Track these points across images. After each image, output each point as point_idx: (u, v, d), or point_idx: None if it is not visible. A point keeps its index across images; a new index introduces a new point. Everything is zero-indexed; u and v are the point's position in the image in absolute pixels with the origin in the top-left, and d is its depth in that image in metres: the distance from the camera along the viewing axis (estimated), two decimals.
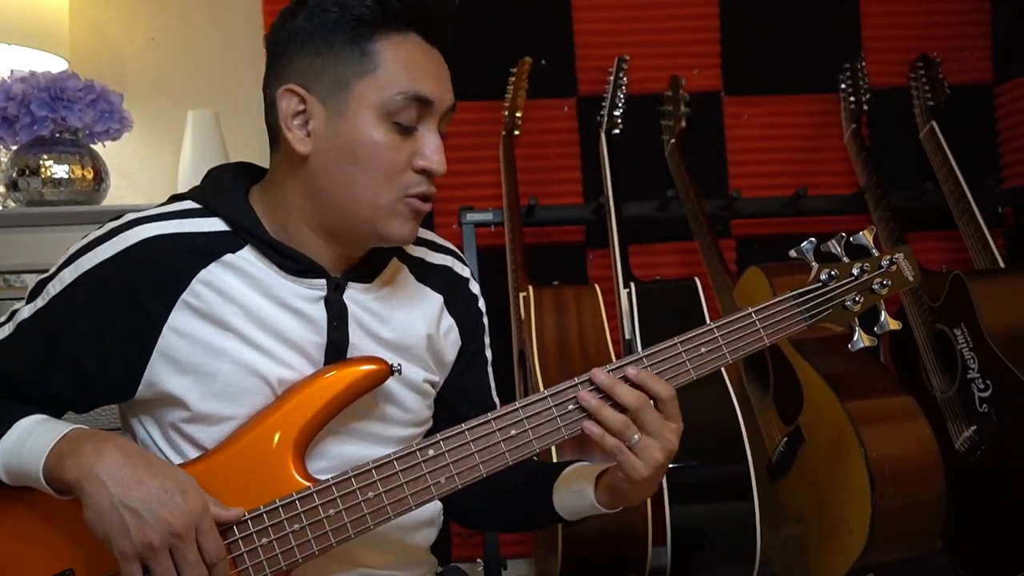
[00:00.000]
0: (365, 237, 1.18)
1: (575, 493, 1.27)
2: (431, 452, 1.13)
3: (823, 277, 1.23)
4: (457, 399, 1.36)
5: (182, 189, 2.30)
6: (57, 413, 1.17)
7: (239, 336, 1.15)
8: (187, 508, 1.04)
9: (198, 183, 1.27)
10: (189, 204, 1.20)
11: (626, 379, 1.15)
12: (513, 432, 1.14)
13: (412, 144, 1.15)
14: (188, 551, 1.03)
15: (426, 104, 1.15)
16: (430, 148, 1.16)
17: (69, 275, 1.14)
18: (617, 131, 2.53)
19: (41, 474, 1.05)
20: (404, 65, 1.13)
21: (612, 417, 1.13)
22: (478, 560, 2.46)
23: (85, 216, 2.07)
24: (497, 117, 2.63)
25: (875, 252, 1.26)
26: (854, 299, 1.23)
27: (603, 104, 2.57)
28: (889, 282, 1.25)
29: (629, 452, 1.14)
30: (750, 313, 1.20)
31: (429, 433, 1.31)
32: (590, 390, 1.15)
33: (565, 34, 2.74)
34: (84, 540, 1.07)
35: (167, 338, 1.14)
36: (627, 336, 2.20)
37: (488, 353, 1.42)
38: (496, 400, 1.44)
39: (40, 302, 1.15)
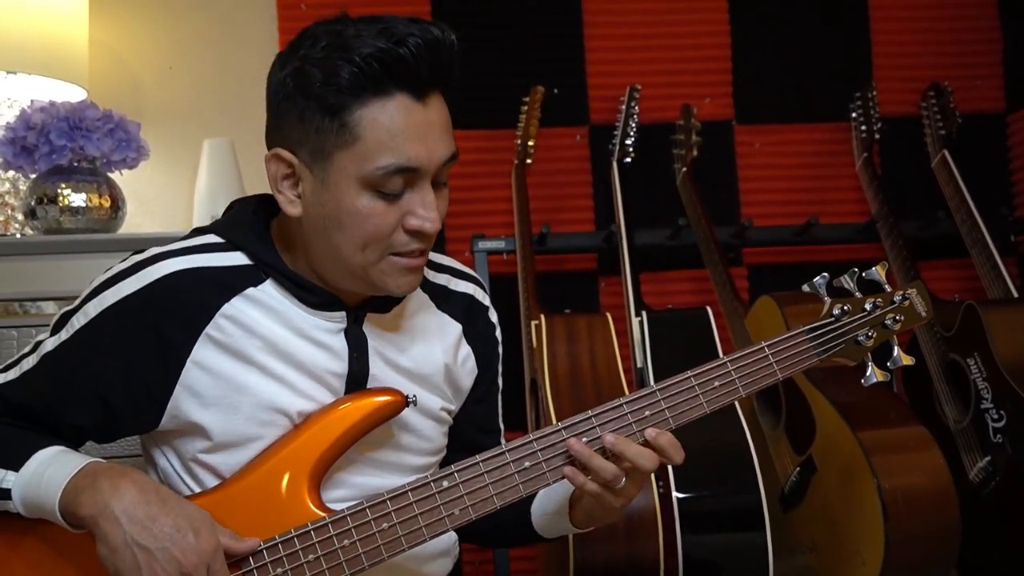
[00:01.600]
0: (364, 290, 1.19)
1: (552, 515, 1.31)
2: (445, 483, 1.14)
3: (836, 312, 1.24)
4: (469, 426, 1.37)
5: (198, 217, 2.35)
6: (77, 443, 1.18)
7: (261, 369, 1.16)
8: (199, 548, 1.04)
9: (215, 211, 1.29)
10: (212, 238, 1.21)
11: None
12: (527, 464, 1.15)
13: (402, 205, 1.12)
14: None
15: (412, 171, 1.11)
16: (422, 207, 1.12)
17: (93, 309, 1.15)
18: (629, 159, 2.54)
19: (57, 508, 1.06)
20: (385, 135, 1.09)
21: (603, 467, 1.14)
22: None
23: (102, 244, 2.09)
24: (509, 145, 2.65)
25: (887, 287, 1.27)
26: (867, 334, 1.24)
27: (615, 133, 2.58)
28: (902, 317, 1.25)
29: (610, 493, 1.16)
30: (763, 347, 1.21)
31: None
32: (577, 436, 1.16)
33: (577, 63, 2.76)
34: (96, 574, 1.08)
35: (190, 371, 1.15)
36: (639, 365, 2.21)
37: (500, 381, 1.44)
38: (501, 425, 1.45)
39: (64, 335, 1.16)
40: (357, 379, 1.20)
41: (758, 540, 1.93)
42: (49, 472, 1.08)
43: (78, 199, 2.13)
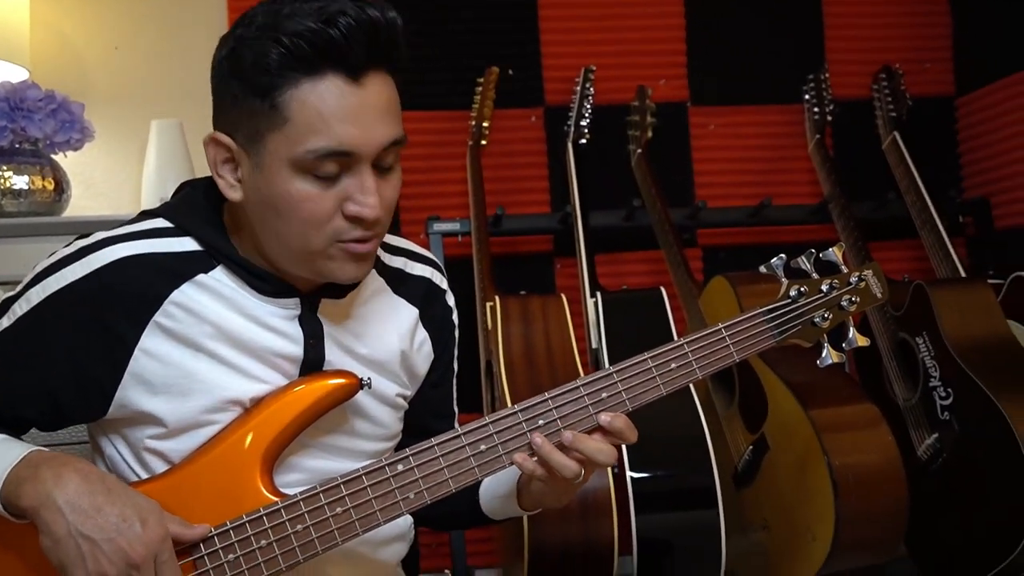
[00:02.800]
0: (312, 276, 1.15)
1: (501, 498, 1.31)
2: (400, 467, 1.13)
3: (792, 293, 1.24)
4: (424, 411, 1.36)
5: (146, 199, 2.31)
6: (20, 431, 1.15)
7: (212, 357, 1.14)
8: (146, 538, 1.02)
9: (163, 194, 1.26)
10: (160, 223, 1.17)
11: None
12: (483, 447, 1.14)
13: (341, 190, 1.08)
14: None
15: (345, 155, 1.07)
16: (360, 192, 1.08)
17: (36, 295, 1.12)
18: (584, 141, 2.54)
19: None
20: (315, 117, 1.05)
21: (563, 464, 1.13)
22: (446, 571, 2.46)
23: (46, 227, 2.04)
24: (464, 127, 2.63)
25: (844, 269, 1.27)
26: (823, 315, 1.24)
27: (570, 114, 2.58)
28: (858, 299, 1.26)
29: (564, 480, 1.15)
30: (720, 329, 1.21)
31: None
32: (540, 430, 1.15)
33: (532, 44, 2.75)
34: (42, 566, 1.05)
35: (139, 360, 1.12)
36: (594, 345, 2.21)
37: (455, 365, 1.43)
38: (455, 408, 1.44)
39: (6, 322, 1.13)
40: (312, 366, 1.18)
41: (711, 518, 1.95)
42: None
43: (20, 181, 2.08)
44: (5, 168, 2.07)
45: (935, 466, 2.15)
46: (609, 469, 1.95)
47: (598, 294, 2.25)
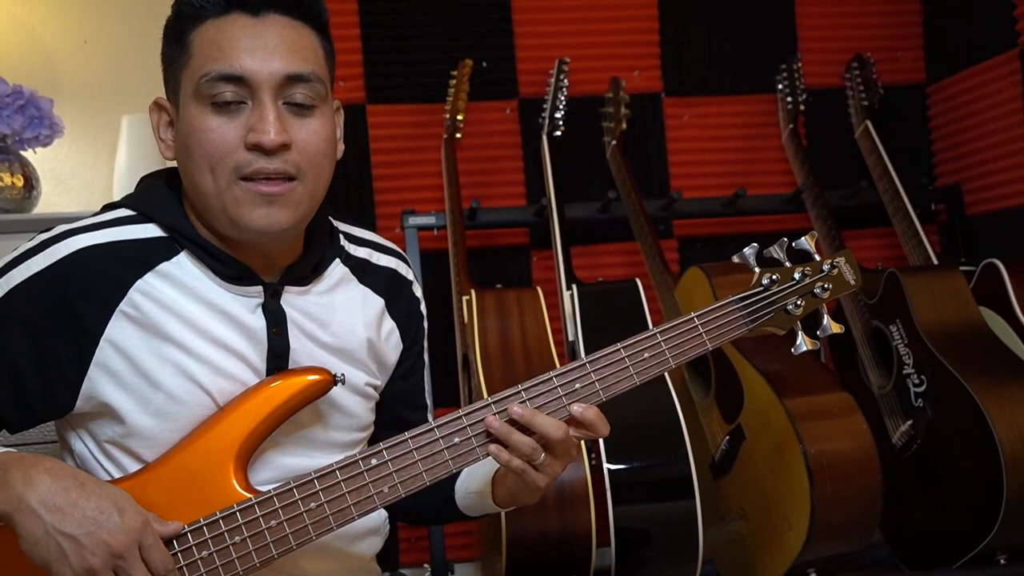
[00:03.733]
0: (230, 231, 1.14)
1: (475, 495, 1.30)
2: (374, 461, 1.13)
3: (765, 281, 1.24)
4: (395, 402, 1.36)
5: (117, 195, 2.28)
6: None
7: (178, 346, 1.13)
8: (126, 526, 1.01)
9: (133, 189, 1.25)
10: (123, 212, 1.18)
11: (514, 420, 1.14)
12: (456, 440, 1.14)
13: (242, 121, 1.10)
14: (133, 570, 1.02)
15: (239, 81, 1.09)
16: (259, 122, 1.09)
17: (0, 289, 1.11)
18: (559, 133, 2.54)
19: None
20: (211, 47, 1.10)
21: (522, 442, 1.13)
22: (425, 565, 2.46)
23: (15, 224, 2.02)
24: (438, 120, 2.62)
25: (816, 257, 1.28)
26: (796, 303, 1.25)
27: (544, 106, 2.57)
28: (830, 286, 1.26)
29: (533, 470, 1.15)
30: (693, 318, 1.21)
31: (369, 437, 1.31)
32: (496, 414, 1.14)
33: (506, 36, 2.74)
34: (28, 567, 1.04)
35: (104, 350, 1.12)
36: (570, 338, 2.22)
37: (426, 357, 1.42)
38: (428, 401, 1.44)
39: None
40: (277, 355, 1.18)
41: (688, 509, 1.96)
42: None
43: None
44: None
45: (910, 453, 2.17)
46: (587, 460, 1.95)
47: (574, 287, 2.26)
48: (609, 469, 1.95)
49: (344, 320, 1.24)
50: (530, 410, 1.14)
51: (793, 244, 1.27)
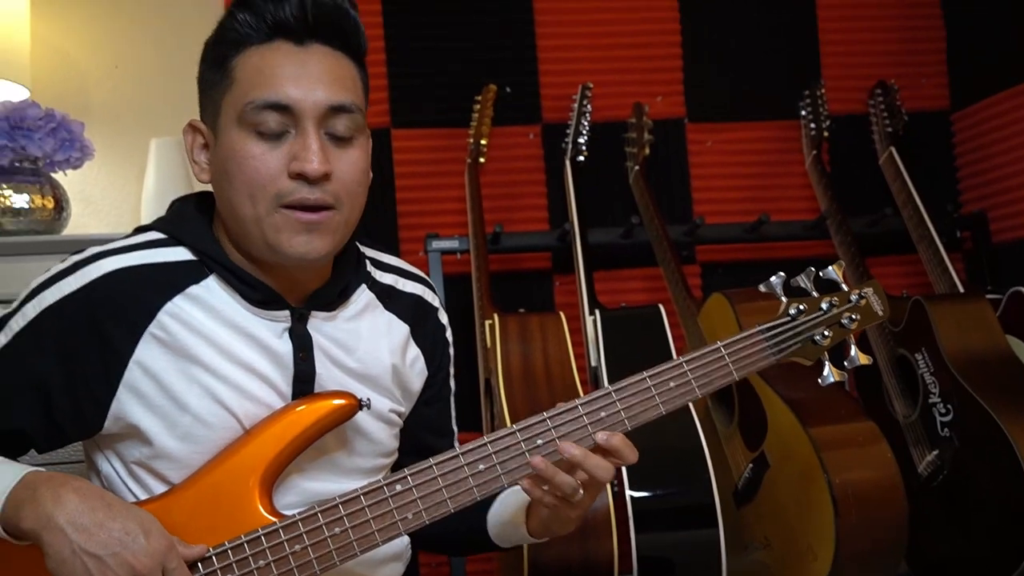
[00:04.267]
0: (267, 255, 1.16)
1: (508, 524, 1.30)
2: (399, 487, 1.13)
3: (792, 311, 1.24)
4: (421, 428, 1.36)
5: (146, 217, 2.31)
6: (19, 451, 1.15)
7: (206, 369, 1.15)
8: (151, 549, 1.02)
9: (162, 212, 1.27)
10: (153, 235, 1.20)
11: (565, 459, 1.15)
12: (481, 467, 1.14)
13: (286, 150, 1.12)
14: None
15: (285, 109, 1.11)
16: (302, 150, 1.11)
17: (32, 310, 1.13)
18: (582, 158, 2.55)
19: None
20: (256, 74, 1.12)
21: (565, 483, 1.13)
22: None
23: (45, 246, 2.04)
24: (462, 144, 2.64)
25: (844, 287, 1.27)
26: (823, 333, 1.24)
27: (568, 131, 2.58)
28: (858, 317, 1.26)
29: (568, 506, 1.16)
30: (719, 347, 1.21)
31: (393, 463, 1.31)
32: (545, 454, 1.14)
33: (530, 62, 2.76)
34: None
35: (133, 371, 1.13)
36: (593, 363, 2.21)
37: (452, 384, 1.43)
38: (455, 427, 1.44)
39: (3, 338, 1.14)
40: (303, 379, 1.19)
41: (712, 537, 1.94)
42: None
43: (20, 200, 2.08)
44: (5, 187, 2.07)
45: (936, 483, 2.15)
46: (608, 487, 1.94)
47: (597, 311, 2.25)
48: (632, 497, 1.94)
49: (369, 346, 1.25)
50: (582, 451, 1.13)
51: (820, 273, 1.27)
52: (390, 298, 1.31)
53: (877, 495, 1.93)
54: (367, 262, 1.30)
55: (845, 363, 1.26)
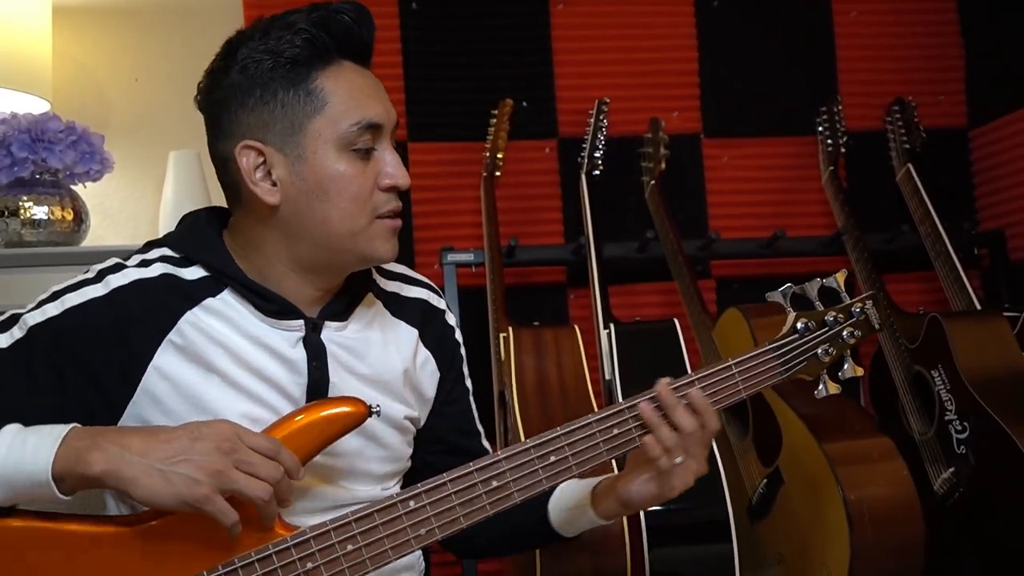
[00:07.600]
0: (350, 263, 1.22)
1: (573, 510, 1.31)
2: (412, 504, 1.13)
3: (799, 327, 1.25)
4: (447, 428, 1.38)
5: (163, 229, 2.32)
6: None
7: (223, 377, 1.17)
8: (218, 430, 1.06)
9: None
10: (167, 252, 1.22)
11: (687, 399, 1.18)
12: (495, 484, 1.14)
13: (373, 166, 1.19)
14: (247, 455, 1.05)
15: (378, 128, 1.18)
16: (391, 166, 1.19)
17: (54, 309, 1.15)
18: (597, 172, 2.55)
19: (50, 474, 1.03)
20: (349, 95, 1.16)
21: (668, 436, 1.16)
22: None
23: (65, 257, 2.07)
24: (478, 158, 2.64)
25: (845, 297, 1.28)
26: (826, 350, 1.25)
27: (584, 146, 2.59)
28: (859, 332, 1.27)
29: (671, 472, 1.18)
30: (731, 365, 1.21)
31: (425, 468, 1.32)
32: (653, 405, 1.18)
33: (546, 76, 2.77)
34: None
35: (151, 377, 1.15)
36: (607, 377, 2.21)
37: (468, 383, 1.44)
38: (480, 428, 1.45)
39: (18, 332, 1.15)
40: (317, 388, 1.21)
41: (725, 553, 1.94)
42: (32, 440, 1.05)
43: (40, 212, 2.10)
44: (25, 199, 2.10)
45: (952, 501, 2.14)
46: None
47: (611, 325, 2.25)
48: (645, 511, 1.94)
49: (380, 353, 1.27)
50: (675, 398, 1.18)
51: (824, 283, 1.28)
52: (397, 304, 1.34)
53: (893, 512, 1.92)
54: (372, 270, 1.33)
55: (840, 375, 1.27)
